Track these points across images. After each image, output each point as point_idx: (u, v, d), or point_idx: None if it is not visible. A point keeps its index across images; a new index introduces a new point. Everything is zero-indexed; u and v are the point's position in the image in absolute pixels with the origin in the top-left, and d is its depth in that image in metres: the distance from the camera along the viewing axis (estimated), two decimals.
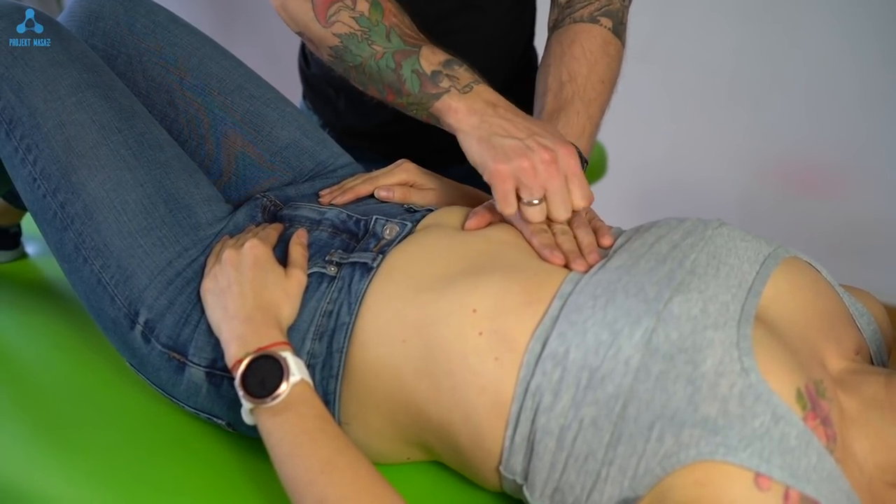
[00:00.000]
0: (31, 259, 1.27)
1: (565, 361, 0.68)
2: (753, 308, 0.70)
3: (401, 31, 0.91)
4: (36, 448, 0.87)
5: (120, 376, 0.97)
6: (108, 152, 0.85)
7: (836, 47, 2.04)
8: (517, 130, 0.82)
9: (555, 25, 1.07)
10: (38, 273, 1.23)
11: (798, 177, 2.25)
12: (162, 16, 1.02)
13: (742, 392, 0.64)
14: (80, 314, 1.10)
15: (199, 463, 0.85)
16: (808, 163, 2.24)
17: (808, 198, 2.25)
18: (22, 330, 1.07)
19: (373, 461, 0.72)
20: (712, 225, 0.78)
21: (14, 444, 0.87)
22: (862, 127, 2.15)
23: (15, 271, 1.23)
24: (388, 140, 1.19)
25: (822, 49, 2.06)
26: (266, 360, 0.72)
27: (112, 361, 0.99)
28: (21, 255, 1.26)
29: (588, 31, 1.01)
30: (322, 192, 0.95)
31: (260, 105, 1.00)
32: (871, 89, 2.11)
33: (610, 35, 1.01)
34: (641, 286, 0.70)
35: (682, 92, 2.24)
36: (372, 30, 0.90)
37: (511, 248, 0.80)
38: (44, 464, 0.85)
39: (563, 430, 0.67)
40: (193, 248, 0.85)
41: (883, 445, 0.66)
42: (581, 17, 1.02)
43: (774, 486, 0.60)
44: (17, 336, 1.06)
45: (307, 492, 0.67)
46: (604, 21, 1.01)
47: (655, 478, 0.64)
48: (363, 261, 0.81)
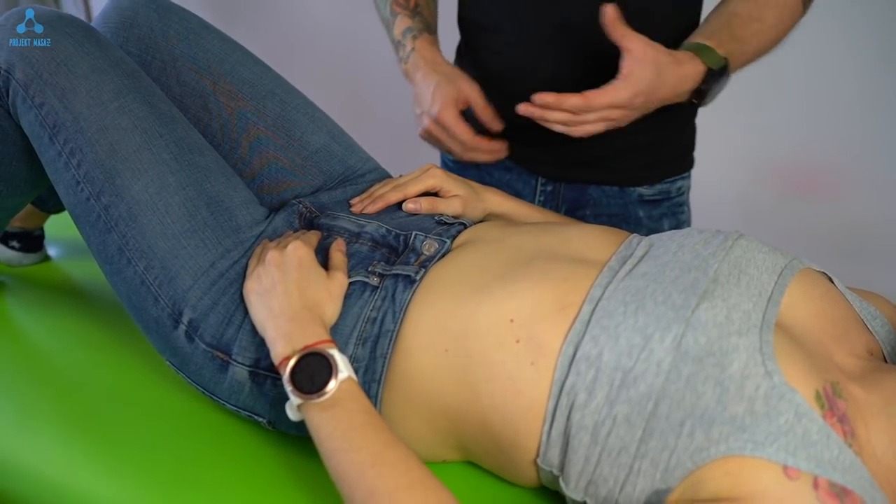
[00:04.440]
0: (55, 261, 1.29)
1: (599, 362, 0.72)
2: (773, 316, 0.74)
3: (394, 1, 1.14)
4: (76, 448, 0.89)
5: (154, 374, 1.00)
6: (151, 156, 0.88)
7: (834, 48, 2.08)
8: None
9: None
10: (62, 274, 1.26)
11: (796, 178, 2.30)
12: (194, 22, 1.05)
13: (767, 393, 0.68)
14: (108, 314, 1.14)
15: (238, 459, 0.88)
16: (807, 164, 2.29)
17: (807, 199, 2.30)
18: (52, 331, 1.10)
19: None
20: (732, 236, 0.82)
21: (54, 445, 0.90)
22: (860, 128, 2.20)
23: (40, 274, 1.25)
24: (525, 144, 1.22)
25: (820, 50, 2.10)
26: (314, 357, 0.75)
27: (145, 360, 1.02)
28: (45, 258, 1.29)
29: None
30: (353, 200, 0.99)
31: (291, 110, 1.03)
32: (868, 91, 2.16)
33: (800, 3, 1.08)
34: (669, 294, 0.74)
35: None
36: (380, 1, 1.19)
37: (540, 256, 0.83)
38: (85, 463, 0.88)
39: (598, 425, 0.71)
40: (235, 249, 0.88)
41: None
42: None
43: (803, 475, 0.64)
44: (48, 337, 1.09)
45: (358, 485, 0.70)
46: None
47: (686, 471, 0.68)
48: (406, 273, 0.84)
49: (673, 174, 1.24)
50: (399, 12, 1.17)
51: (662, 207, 1.25)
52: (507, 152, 1.14)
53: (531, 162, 1.24)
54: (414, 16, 1.17)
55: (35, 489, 0.87)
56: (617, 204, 1.23)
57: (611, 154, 1.20)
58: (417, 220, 0.95)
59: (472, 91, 1.09)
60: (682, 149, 1.26)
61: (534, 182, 1.25)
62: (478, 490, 0.85)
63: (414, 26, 1.15)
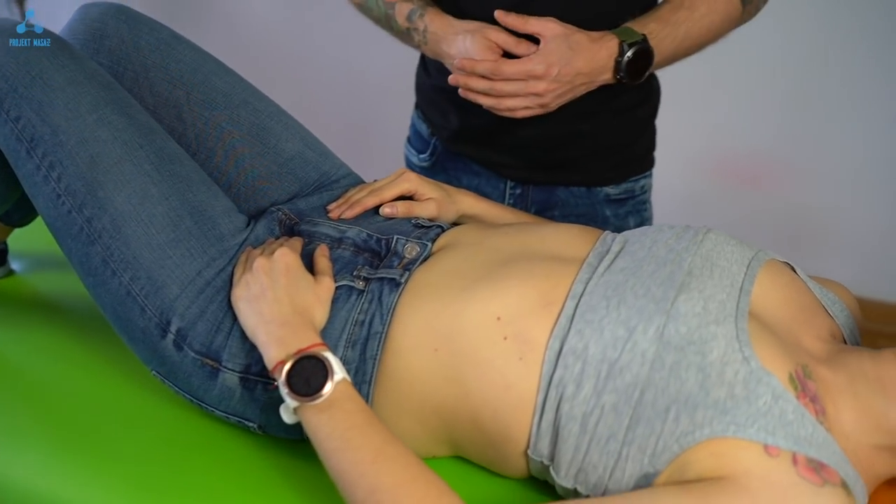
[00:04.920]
0: (20, 276, 1.28)
1: (585, 355, 0.75)
2: (746, 305, 0.79)
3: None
4: (65, 461, 0.90)
5: (136, 385, 1.00)
6: (133, 167, 0.89)
7: (771, 46, 2.17)
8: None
9: None
10: (30, 288, 1.25)
11: (740, 172, 2.38)
12: (165, 33, 1.05)
13: (745, 377, 0.72)
14: (82, 327, 1.13)
15: (229, 464, 0.90)
16: (750, 158, 2.37)
17: (751, 191, 2.39)
18: (24, 346, 1.09)
19: None
20: (701, 231, 0.87)
21: (43, 459, 0.90)
22: (798, 122, 2.30)
23: (6, 288, 1.23)
24: (493, 148, 1.25)
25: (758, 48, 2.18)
26: (309, 360, 0.76)
27: (125, 371, 1.03)
28: (9, 273, 1.27)
29: None
30: (330, 206, 1.01)
31: (265, 118, 1.05)
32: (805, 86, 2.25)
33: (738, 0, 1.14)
34: (648, 287, 0.78)
35: None
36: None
37: (520, 256, 0.86)
38: (75, 475, 0.88)
39: (586, 415, 0.75)
40: (220, 258, 0.89)
41: (870, 413, 0.75)
42: None
43: (783, 453, 0.69)
44: (25, 352, 1.08)
45: (360, 482, 0.72)
46: None
47: (673, 454, 0.72)
48: (391, 276, 0.87)
49: (637, 173, 1.29)
50: (394, 1, 1.16)
51: (628, 206, 1.29)
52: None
53: (500, 166, 1.27)
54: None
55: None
56: (584, 204, 1.27)
57: (577, 156, 1.24)
58: (395, 223, 0.97)
59: (498, 34, 1.08)
60: (645, 148, 1.31)
61: (502, 186, 1.28)
62: (467, 483, 0.87)
63: (416, 6, 1.14)
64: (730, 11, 1.13)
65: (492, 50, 1.07)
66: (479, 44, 1.07)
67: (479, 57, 1.07)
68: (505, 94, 1.05)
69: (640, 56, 1.06)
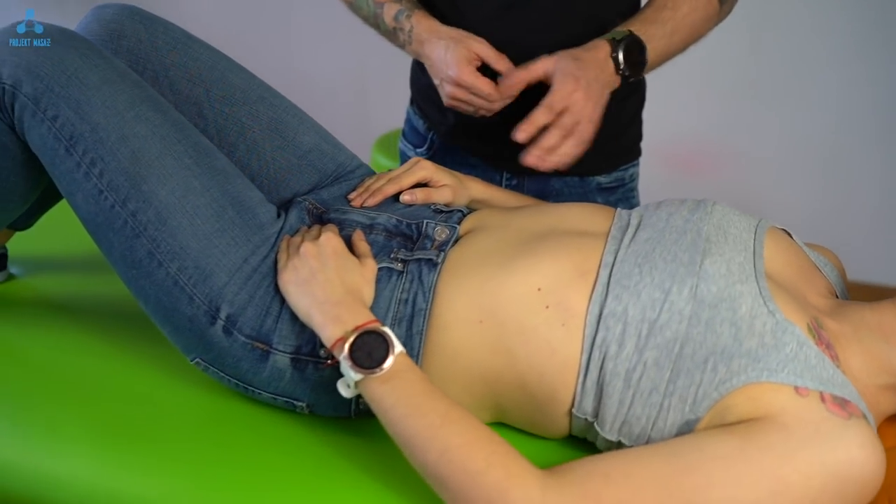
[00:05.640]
0: (21, 279, 1.27)
1: (625, 317, 0.82)
2: (762, 266, 0.87)
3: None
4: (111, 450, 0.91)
5: (165, 373, 1.03)
6: (174, 161, 0.91)
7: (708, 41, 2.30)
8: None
9: None
10: (35, 291, 1.25)
11: (683, 160, 2.52)
12: (179, 33, 1.08)
13: (773, 328, 0.80)
14: (99, 322, 1.15)
15: (274, 442, 0.93)
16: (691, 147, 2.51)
17: (693, 178, 2.52)
18: (49, 345, 1.10)
19: None
20: (709, 203, 0.95)
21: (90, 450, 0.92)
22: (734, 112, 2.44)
23: (11, 292, 1.23)
24: (490, 142, 1.28)
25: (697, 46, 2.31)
26: (369, 335, 0.81)
27: (151, 361, 1.05)
28: (9, 277, 1.27)
29: None
30: (351, 196, 1.05)
31: (281, 113, 1.08)
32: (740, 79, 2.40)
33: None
34: (675, 254, 0.86)
35: None
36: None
37: (549, 233, 0.93)
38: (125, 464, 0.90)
39: (629, 371, 0.82)
40: (263, 245, 0.93)
41: (874, 357, 0.85)
42: None
43: (811, 393, 0.77)
44: (48, 352, 1.08)
45: (430, 445, 0.77)
46: None
47: (713, 401, 0.79)
48: (428, 257, 0.92)
49: (626, 162, 1.37)
50: (383, 2, 1.21)
51: (618, 193, 1.37)
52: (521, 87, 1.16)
53: (496, 159, 1.33)
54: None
55: (79, 497, 0.89)
56: (577, 193, 1.34)
57: None
58: (417, 209, 1.03)
59: (481, 46, 1.12)
60: (633, 138, 1.39)
61: (498, 177, 1.34)
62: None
63: (404, 7, 1.19)
64: (709, 11, 1.20)
65: (471, 61, 1.12)
66: (459, 54, 1.11)
67: (454, 72, 1.11)
68: (551, 146, 1.06)
69: (632, 48, 1.12)
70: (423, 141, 1.38)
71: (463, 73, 1.10)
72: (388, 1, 1.21)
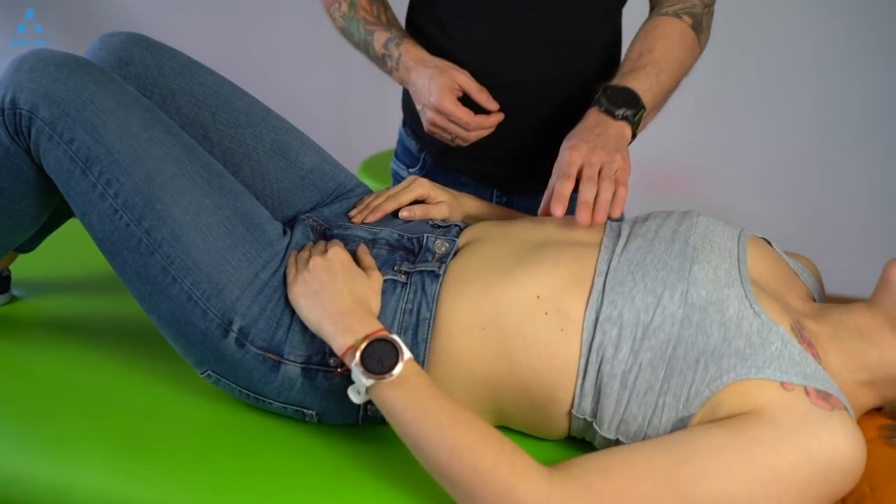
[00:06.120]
0: (24, 300, 1.30)
1: (620, 321, 0.88)
2: (746, 272, 0.93)
3: (365, 22, 1.29)
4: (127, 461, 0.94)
5: (177, 389, 1.06)
6: (186, 181, 0.96)
7: None
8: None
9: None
10: (41, 312, 1.27)
11: (657, 176, 2.59)
12: (184, 59, 1.12)
13: (759, 329, 0.86)
14: (108, 341, 1.18)
15: (284, 451, 0.96)
16: (665, 164, 2.59)
17: (666, 193, 2.60)
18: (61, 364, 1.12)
19: None
20: (694, 214, 1.01)
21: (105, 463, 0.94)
22: (705, 132, 2.53)
23: (17, 313, 1.26)
24: (481, 161, 1.34)
25: None
26: (379, 342, 0.85)
27: (161, 377, 1.08)
28: (11, 299, 1.29)
29: (670, 22, 1.22)
30: (352, 213, 1.10)
31: (283, 134, 1.13)
32: (712, 99, 2.48)
33: (689, 29, 1.22)
34: (665, 262, 0.91)
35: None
36: (351, 24, 1.31)
37: (546, 244, 0.98)
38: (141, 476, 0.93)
39: (626, 373, 0.87)
40: (273, 260, 0.97)
41: (852, 354, 0.91)
42: (666, 13, 1.23)
43: (797, 387, 0.83)
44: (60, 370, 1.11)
45: (441, 444, 0.81)
46: (685, 18, 1.23)
47: (704, 398, 0.84)
48: (430, 269, 0.97)
49: None
50: (374, 29, 1.27)
51: None
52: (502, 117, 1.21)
53: (487, 177, 1.38)
54: (389, 28, 1.27)
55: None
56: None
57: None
58: (416, 224, 1.08)
59: (464, 78, 1.19)
60: None
61: (489, 195, 1.39)
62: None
63: (393, 36, 1.26)
64: (687, 41, 1.22)
65: (453, 91, 1.18)
66: (442, 83, 1.17)
67: (435, 99, 1.16)
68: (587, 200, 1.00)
69: (617, 93, 1.11)
70: (415, 161, 1.43)
71: (444, 101, 1.17)
72: (379, 29, 1.28)
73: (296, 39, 2.76)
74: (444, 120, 1.18)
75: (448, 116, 1.17)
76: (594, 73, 1.29)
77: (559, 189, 1.00)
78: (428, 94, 1.18)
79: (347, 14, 1.30)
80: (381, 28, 1.28)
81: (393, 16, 1.32)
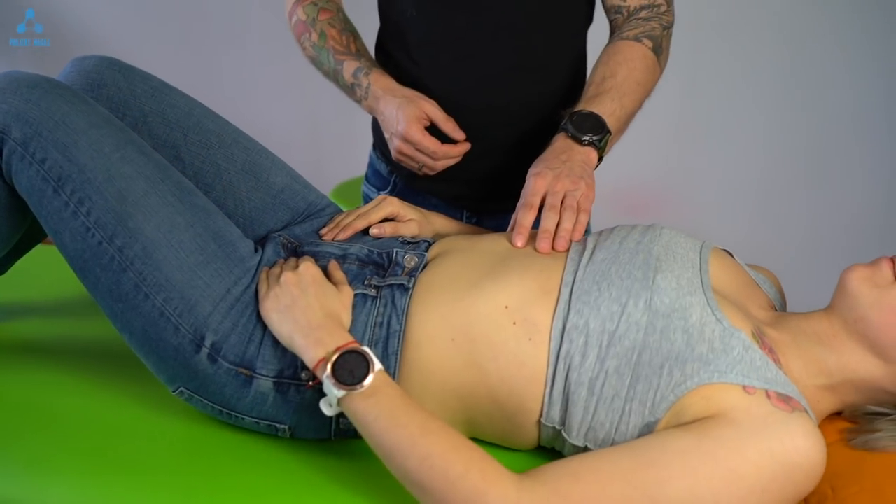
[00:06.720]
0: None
1: (587, 330, 0.90)
2: (708, 281, 0.96)
3: (335, 51, 1.30)
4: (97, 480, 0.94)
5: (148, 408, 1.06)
6: (158, 199, 0.97)
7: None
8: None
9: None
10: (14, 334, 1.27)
11: (625, 200, 2.64)
12: (156, 81, 1.14)
13: (721, 334, 0.88)
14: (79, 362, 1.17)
15: (257, 465, 0.97)
16: (633, 188, 2.63)
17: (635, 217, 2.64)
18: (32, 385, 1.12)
19: None
20: (657, 227, 1.04)
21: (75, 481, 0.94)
22: (675, 156, 2.58)
23: None
24: (450, 183, 1.35)
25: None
26: (350, 354, 0.87)
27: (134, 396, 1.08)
28: None
29: (630, 45, 1.25)
30: (322, 231, 1.12)
31: (254, 155, 1.15)
32: (675, 125, 2.54)
33: (649, 52, 1.25)
34: (629, 272, 0.94)
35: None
36: (321, 53, 1.32)
37: (513, 255, 1.00)
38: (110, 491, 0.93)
39: (593, 380, 0.89)
40: (244, 277, 0.98)
41: (812, 360, 0.93)
42: (627, 37, 1.26)
43: (758, 391, 0.85)
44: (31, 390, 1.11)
45: (412, 453, 0.82)
46: (645, 41, 1.26)
47: (669, 403, 0.86)
48: (399, 282, 0.98)
49: None
50: (344, 59, 1.28)
51: None
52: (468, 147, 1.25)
53: (456, 199, 1.40)
54: (359, 57, 1.29)
55: None
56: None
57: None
58: (386, 241, 1.09)
59: (432, 108, 1.22)
60: None
61: (459, 215, 1.41)
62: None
63: (363, 66, 1.28)
64: (648, 64, 1.25)
65: (420, 120, 1.21)
66: (410, 112, 1.20)
67: (402, 128, 1.18)
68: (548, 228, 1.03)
69: (583, 119, 1.14)
70: (386, 183, 1.45)
71: (411, 130, 1.19)
72: (349, 59, 1.30)
73: (267, 68, 2.79)
74: (412, 149, 1.21)
75: (415, 145, 1.20)
76: (561, 95, 1.32)
77: (520, 220, 1.05)
78: (396, 122, 1.21)
79: (317, 43, 1.31)
80: (351, 57, 1.30)
81: (363, 45, 1.34)
